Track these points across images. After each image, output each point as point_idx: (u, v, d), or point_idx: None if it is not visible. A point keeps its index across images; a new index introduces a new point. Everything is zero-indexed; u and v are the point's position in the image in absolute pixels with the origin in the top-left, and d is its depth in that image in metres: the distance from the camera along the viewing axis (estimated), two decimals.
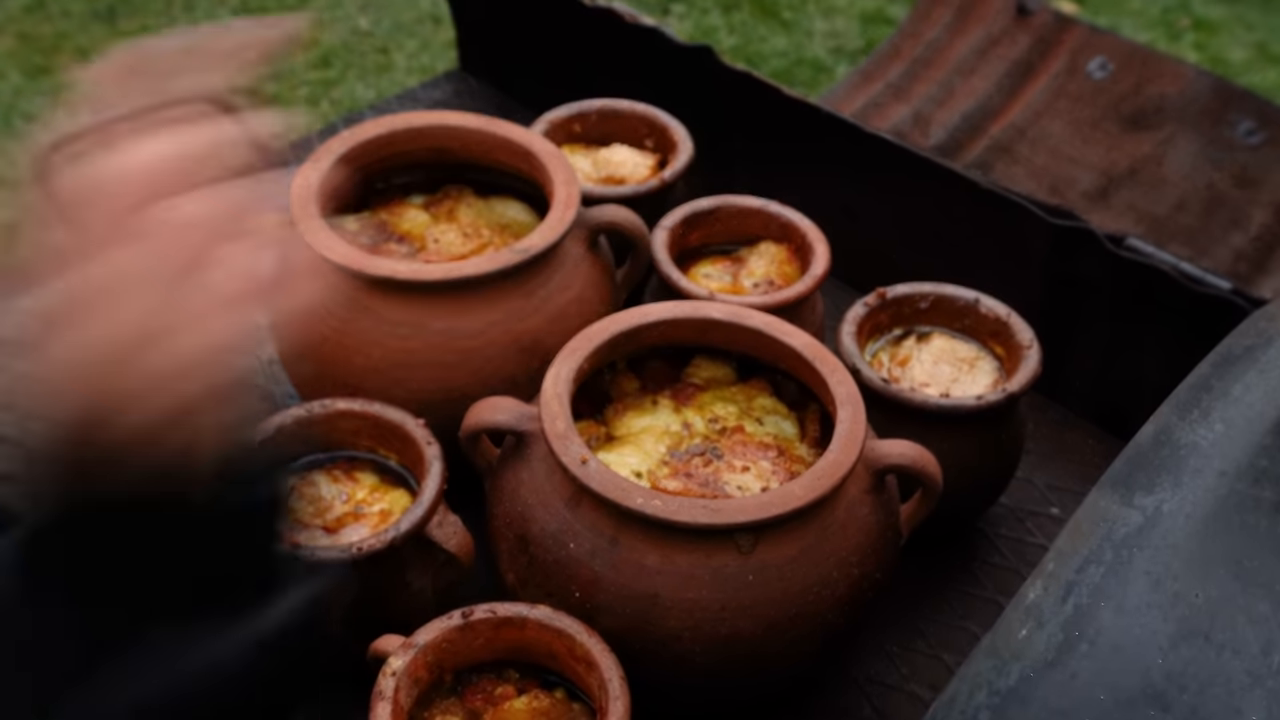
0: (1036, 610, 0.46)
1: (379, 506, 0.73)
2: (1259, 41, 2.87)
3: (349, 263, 0.77)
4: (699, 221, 0.91)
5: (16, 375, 0.44)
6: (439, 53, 2.91)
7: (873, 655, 0.81)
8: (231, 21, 2.19)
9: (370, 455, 0.76)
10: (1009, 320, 0.84)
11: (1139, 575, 0.46)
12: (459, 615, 0.66)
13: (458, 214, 0.89)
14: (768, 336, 0.76)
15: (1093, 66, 1.50)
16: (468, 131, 0.89)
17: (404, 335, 0.78)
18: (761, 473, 0.72)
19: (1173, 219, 1.37)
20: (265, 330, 1.02)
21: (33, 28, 2.96)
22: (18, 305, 0.45)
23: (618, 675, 0.63)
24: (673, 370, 0.80)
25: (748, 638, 0.66)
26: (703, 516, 0.65)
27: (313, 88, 2.80)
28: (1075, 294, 0.94)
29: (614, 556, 0.66)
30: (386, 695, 0.62)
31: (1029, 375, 0.80)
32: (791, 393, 0.78)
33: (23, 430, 0.45)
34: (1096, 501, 0.49)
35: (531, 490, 0.70)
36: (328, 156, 0.84)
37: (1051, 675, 0.45)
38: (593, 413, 0.77)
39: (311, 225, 0.79)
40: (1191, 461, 0.49)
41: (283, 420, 0.74)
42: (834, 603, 0.68)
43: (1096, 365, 0.96)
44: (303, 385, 0.83)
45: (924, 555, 0.84)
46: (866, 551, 0.69)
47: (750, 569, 0.66)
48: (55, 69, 2.83)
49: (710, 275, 0.90)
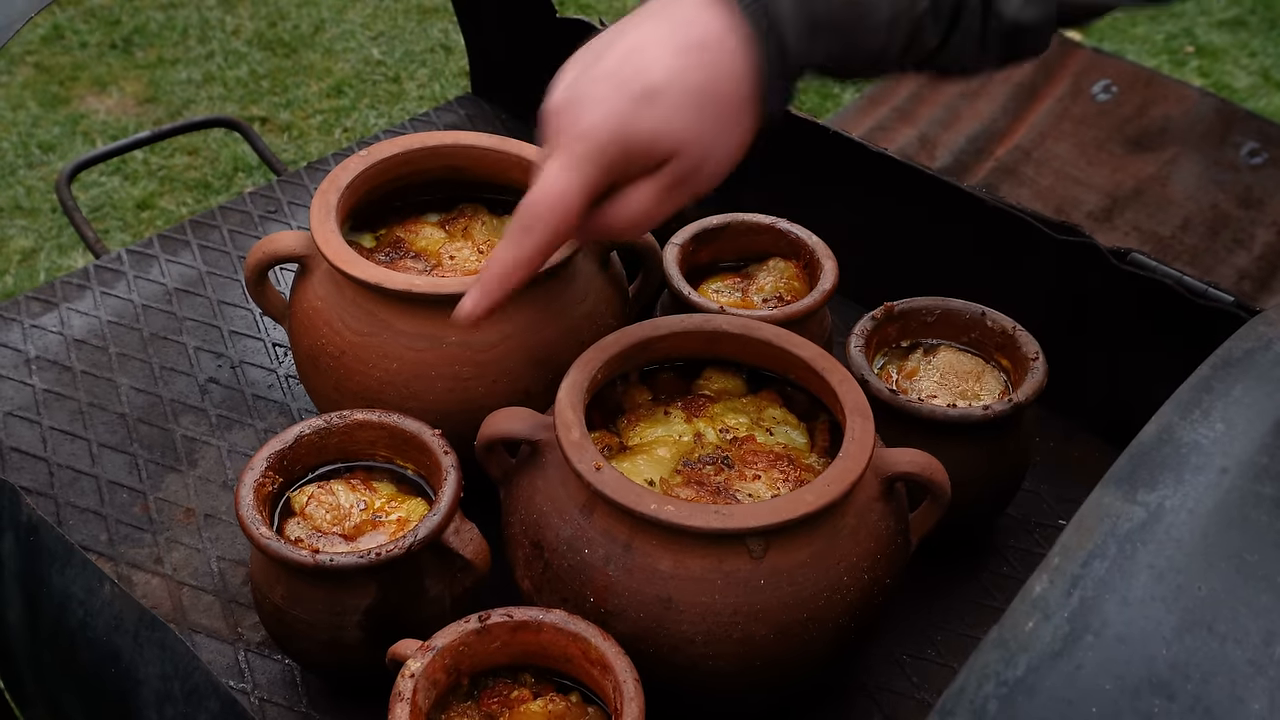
0: (1043, 603, 0.47)
1: (396, 515, 0.74)
2: (1263, 68, 2.89)
3: (367, 277, 0.78)
4: (709, 238, 0.93)
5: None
6: (450, 81, 2.94)
7: (882, 663, 0.82)
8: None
9: (388, 465, 0.77)
10: (1015, 333, 0.85)
11: (1143, 569, 0.47)
12: (475, 619, 0.67)
13: (472, 232, 0.90)
14: (777, 348, 0.77)
15: (1097, 89, 1.52)
16: (482, 150, 0.91)
17: (421, 348, 0.79)
18: (772, 481, 0.73)
19: (1177, 239, 1.39)
20: (284, 345, 1.04)
21: (50, 58, 3.00)
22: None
23: (632, 678, 0.64)
24: (684, 382, 0.81)
25: (760, 641, 0.67)
26: (715, 521, 0.66)
27: (325, 116, 2.83)
28: (1080, 309, 0.96)
29: (628, 562, 0.68)
30: (405, 697, 0.63)
31: (1035, 386, 0.81)
32: (801, 404, 0.80)
33: None
34: (1100, 498, 0.50)
35: (546, 498, 0.71)
36: (346, 174, 0.86)
37: (1058, 666, 0.46)
38: (605, 423, 0.79)
39: (330, 241, 0.81)
40: (1193, 459, 0.50)
41: (302, 431, 0.76)
42: (845, 607, 0.69)
43: (1101, 379, 0.97)
44: (321, 398, 0.85)
45: (933, 565, 0.86)
46: (877, 557, 0.70)
47: (762, 574, 0.67)
48: (72, 99, 2.87)
49: (720, 291, 0.91)
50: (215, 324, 1.08)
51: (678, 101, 0.64)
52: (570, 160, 0.65)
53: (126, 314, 1.08)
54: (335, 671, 0.76)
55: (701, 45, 0.64)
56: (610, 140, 0.64)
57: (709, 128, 0.65)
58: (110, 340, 1.06)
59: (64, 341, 1.06)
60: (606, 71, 0.65)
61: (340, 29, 3.12)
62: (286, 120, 2.80)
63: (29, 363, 1.03)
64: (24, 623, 0.77)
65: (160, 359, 1.04)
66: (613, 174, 0.66)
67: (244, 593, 0.85)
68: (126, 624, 0.68)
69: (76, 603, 0.71)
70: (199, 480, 0.94)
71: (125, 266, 1.14)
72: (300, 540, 0.72)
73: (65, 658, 0.74)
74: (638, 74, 0.64)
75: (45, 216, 2.53)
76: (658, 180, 0.66)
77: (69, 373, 1.03)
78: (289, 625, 0.73)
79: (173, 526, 0.90)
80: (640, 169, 0.66)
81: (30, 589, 0.75)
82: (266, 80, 2.93)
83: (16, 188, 2.59)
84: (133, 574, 0.86)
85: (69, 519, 0.90)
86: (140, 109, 2.83)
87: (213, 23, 3.13)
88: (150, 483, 0.93)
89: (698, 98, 0.64)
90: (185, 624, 0.83)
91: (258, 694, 0.79)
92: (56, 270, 2.37)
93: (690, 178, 0.67)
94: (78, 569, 0.71)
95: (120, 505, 0.91)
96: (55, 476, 0.93)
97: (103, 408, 0.99)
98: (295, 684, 0.80)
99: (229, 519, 0.90)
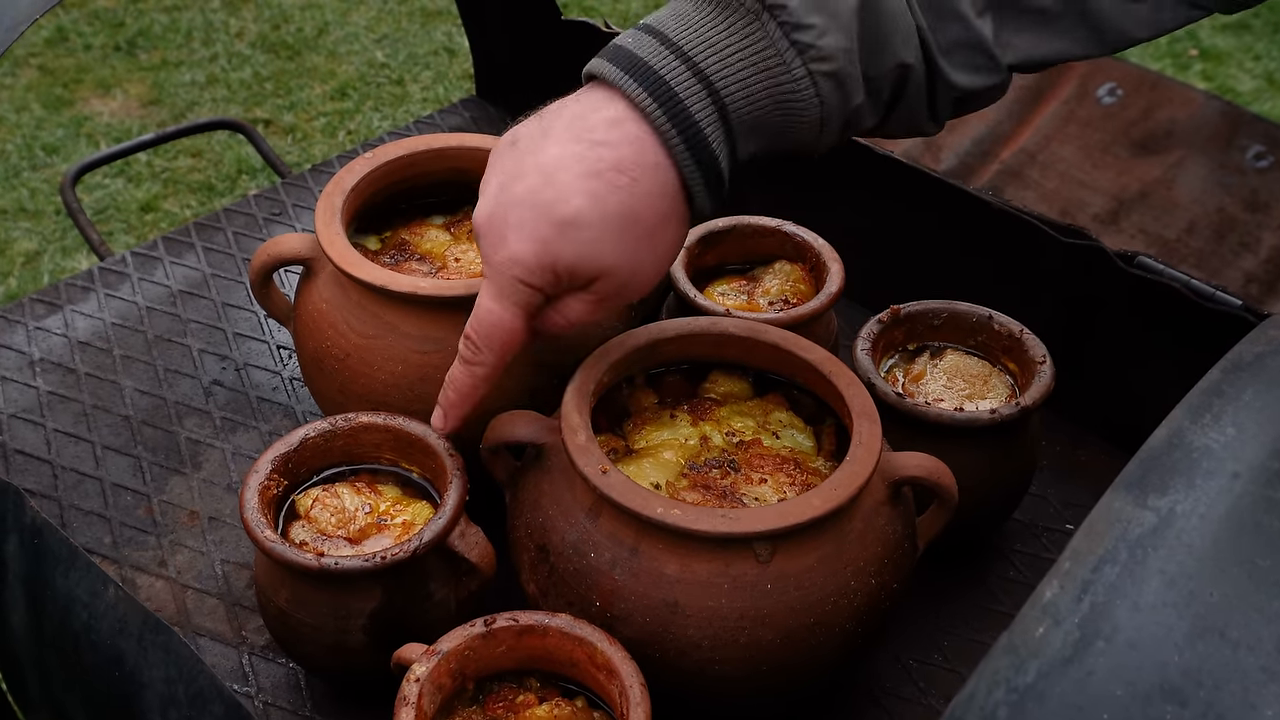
0: (1053, 608, 0.47)
1: (402, 518, 0.74)
2: (1267, 71, 2.89)
3: (372, 279, 0.78)
4: (715, 241, 0.92)
5: None
6: (454, 84, 2.94)
7: (889, 668, 0.82)
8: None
9: (393, 468, 0.77)
10: (1022, 337, 0.85)
11: (1154, 574, 0.47)
12: (481, 623, 0.67)
13: None
14: (784, 351, 0.77)
15: (1102, 92, 1.51)
16: (487, 153, 0.90)
17: (426, 350, 0.79)
18: (779, 485, 0.73)
19: (1183, 242, 1.38)
20: (288, 347, 1.03)
21: (54, 60, 3.01)
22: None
23: (638, 682, 0.64)
24: (690, 385, 0.81)
25: (766, 646, 0.67)
26: (721, 525, 0.66)
27: (329, 118, 2.83)
28: (1087, 312, 0.96)
29: (634, 565, 0.67)
30: (411, 701, 0.63)
31: (1042, 390, 0.81)
32: (808, 407, 0.79)
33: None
34: (1111, 503, 0.49)
35: (552, 501, 0.71)
36: (351, 177, 0.86)
37: (1069, 672, 0.45)
38: (611, 427, 0.78)
39: (336, 243, 0.80)
40: (1204, 464, 0.50)
41: (307, 433, 0.75)
42: (852, 612, 0.69)
43: (1108, 383, 0.97)
44: (326, 400, 0.85)
45: (940, 570, 0.85)
46: (884, 562, 0.70)
47: (769, 578, 0.67)
48: (76, 101, 2.87)
49: (726, 294, 0.91)
50: (220, 326, 1.08)
51: (597, 232, 0.63)
52: (501, 289, 0.66)
53: (131, 316, 1.08)
54: (340, 675, 0.76)
55: (617, 168, 0.62)
56: (536, 266, 0.65)
57: (630, 250, 0.65)
58: (114, 342, 1.06)
59: (68, 344, 1.05)
60: (524, 195, 0.64)
61: (344, 32, 3.12)
62: (290, 123, 2.80)
63: (33, 365, 1.03)
64: (28, 626, 0.77)
65: (164, 361, 1.04)
66: (546, 291, 0.67)
67: (248, 596, 0.85)
68: (131, 627, 0.68)
69: (81, 606, 0.71)
70: (203, 483, 0.93)
71: (129, 269, 1.13)
72: (305, 543, 0.72)
73: (69, 661, 0.73)
74: (555, 203, 0.63)
75: (49, 219, 2.53)
76: (588, 296, 0.67)
77: (73, 375, 1.02)
78: (294, 629, 0.72)
79: (177, 529, 0.90)
80: (570, 286, 0.67)
81: (34, 592, 0.75)
82: (270, 83, 2.93)
83: (20, 190, 2.59)
84: (137, 577, 0.86)
85: (73, 521, 0.90)
86: (144, 111, 2.83)
87: (216, 25, 3.13)
88: (154, 485, 0.93)
89: (618, 223, 0.63)
90: (189, 627, 0.83)
91: (262, 698, 0.79)
92: (60, 273, 2.37)
93: (620, 293, 0.67)
94: (82, 572, 0.71)
95: (124, 508, 0.91)
96: (59, 479, 0.93)
97: (107, 410, 0.99)
98: (299, 688, 0.79)
99: (233, 522, 0.90)
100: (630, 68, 0.63)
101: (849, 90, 0.63)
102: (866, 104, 0.65)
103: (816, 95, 0.63)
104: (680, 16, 0.64)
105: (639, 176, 0.63)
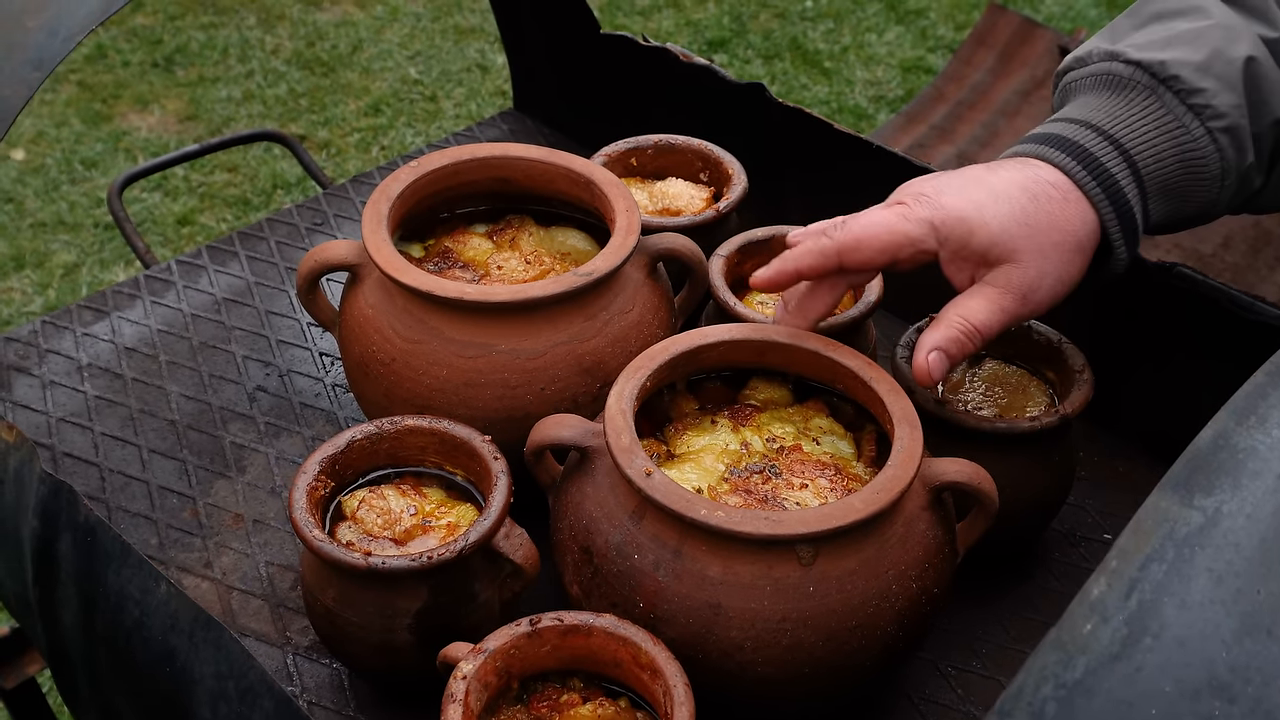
0: (1101, 606, 0.47)
1: (446, 520, 0.75)
2: None
3: (419, 285, 0.79)
4: (754, 250, 0.93)
5: None
6: (486, 100, 2.97)
7: (929, 675, 0.82)
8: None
9: (437, 470, 0.78)
10: (1061, 346, 0.85)
11: (1201, 572, 0.47)
12: (526, 623, 0.67)
13: (520, 242, 0.91)
14: (825, 357, 0.78)
15: None
16: (530, 162, 0.92)
17: (471, 355, 0.80)
18: (819, 490, 0.74)
19: (1219, 256, 1.38)
20: (332, 354, 1.05)
21: (93, 76, 3.05)
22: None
23: (682, 682, 0.65)
24: (730, 392, 0.82)
25: (808, 648, 0.68)
26: (764, 527, 0.66)
27: (363, 134, 2.86)
28: (1125, 323, 0.96)
29: (677, 567, 0.68)
30: (458, 698, 0.63)
31: (1082, 398, 0.81)
32: (847, 414, 0.80)
33: None
34: (1157, 502, 0.50)
35: (596, 504, 0.72)
36: (396, 185, 0.88)
37: (1117, 668, 0.46)
38: (653, 432, 0.79)
39: (382, 249, 0.82)
40: (1250, 465, 0.50)
41: (354, 436, 0.77)
42: (893, 616, 0.69)
43: (1147, 394, 0.97)
44: (370, 405, 0.86)
45: (979, 578, 0.86)
46: (924, 566, 0.70)
47: (811, 580, 0.67)
48: (115, 116, 2.92)
49: (765, 302, 0.92)
50: (263, 333, 1.09)
51: (1023, 212, 0.71)
52: (906, 213, 0.72)
53: (176, 323, 1.10)
54: (384, 674, 0.77)
55: (1052, 184, 0.72)
56: (958, 220, 0.71)
57: (1039, 248, 0.71)
58: (160, 348, 1.07)
59: (115, 349, 1.07)
60: (966, 177, 0.73)
61: (378, 49, 3.15)
62: (324, 138, 2.83)
63: (81, 370, 1.05)
64: (79, 624, 0.78)
65: (209, 367, 1.06)
66: (940, 245, 0.72)
67: (292, 597, 0.86)
68: (182, 624, 0.69)
69: (132, 603, 0.72)
70: (247, 486, 0.95)
71: (174, 276, 1.15)
72: (351, 544, 0.73)
73: (120, 658, 0.75)
74: (993, 183, 0.72)
75: (87, 231, 2.56)
76: (992, 290, 0.72)
77: (120, 380, 1.04)
78: (340, 628, 0.73)
79: (222, 531, 0.91)
80: (966, 261, 0.72)
81: (87, 589, 0.76)
82: (305, 99, 2.97)
83: (60, 203, 2.63)
84: (183, 578, 0.87)
85: (120, 523, 0.91)
86: (181, 126, 2.87)
87: (252, 42, 3.17)
88: (200, 488, 0.95)
89: (1042, 221, 0.71)
90: (235, 627, 0.84)
91: (306, 697, 0.80)
92: (98, 284, 2.40)
93: (1021, 292, 0.72)
94: (134, 569, 0.72)
95: (170, 510, 0.93)
96: (106, 481, 0.95)
97: (153, 414, 1.01)
98: (343, 688, 0.80)
99: (277, 524, 0.91)
100: (1046, 141, 0.74)
101: (1242, 144, 0.73)
102: (1255, 164, 0.74)
103: (1216, 150, 0.72)
104: (1084, 105, 0.75)
105: (1069, 196, 0.72)
